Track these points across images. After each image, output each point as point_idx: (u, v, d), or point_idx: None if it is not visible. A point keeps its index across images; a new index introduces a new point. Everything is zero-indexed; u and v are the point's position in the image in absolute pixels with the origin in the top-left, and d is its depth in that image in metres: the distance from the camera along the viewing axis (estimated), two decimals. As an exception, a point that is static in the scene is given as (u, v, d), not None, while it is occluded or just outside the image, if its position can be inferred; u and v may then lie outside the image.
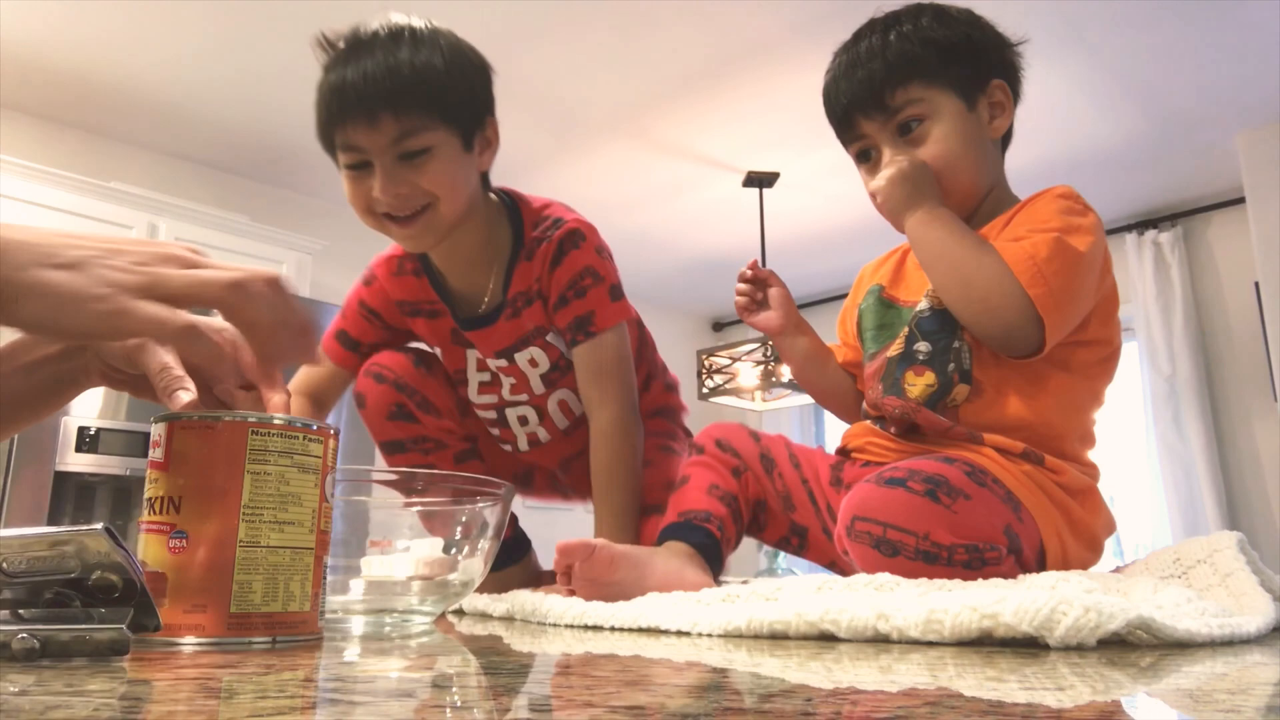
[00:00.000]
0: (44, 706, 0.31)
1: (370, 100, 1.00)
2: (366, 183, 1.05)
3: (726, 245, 4.58)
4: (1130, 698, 0.37)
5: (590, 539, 0.88)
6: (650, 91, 3.24)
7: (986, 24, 1.06)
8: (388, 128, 1.01)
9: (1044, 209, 0.97)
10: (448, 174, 1.05)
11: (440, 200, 1.06)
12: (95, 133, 3.49)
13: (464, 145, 1.07)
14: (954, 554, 0.80)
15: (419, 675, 0.43)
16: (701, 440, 1.09)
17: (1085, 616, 0.50)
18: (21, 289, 0.51)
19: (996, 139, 1.05)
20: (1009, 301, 0.90)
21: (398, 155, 1.03)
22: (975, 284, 0.92)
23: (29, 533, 0.46)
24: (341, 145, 1.04)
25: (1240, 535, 0.78)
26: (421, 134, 1.02)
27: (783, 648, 0.55)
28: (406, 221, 1.07)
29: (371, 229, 1.11)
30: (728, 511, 1.00)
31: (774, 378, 3.53)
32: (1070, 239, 0.92)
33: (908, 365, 1.00)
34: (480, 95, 1.10)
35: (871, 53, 1.02)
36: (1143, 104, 3.27)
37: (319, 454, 0.59)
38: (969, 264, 0.93)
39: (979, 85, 1.02)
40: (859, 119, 1.04)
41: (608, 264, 1.19)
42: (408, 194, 1.04)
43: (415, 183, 1.04)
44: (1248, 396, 3.81)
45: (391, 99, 1.00)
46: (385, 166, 1.03)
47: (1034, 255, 0.90)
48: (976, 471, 0.86)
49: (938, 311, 1.00)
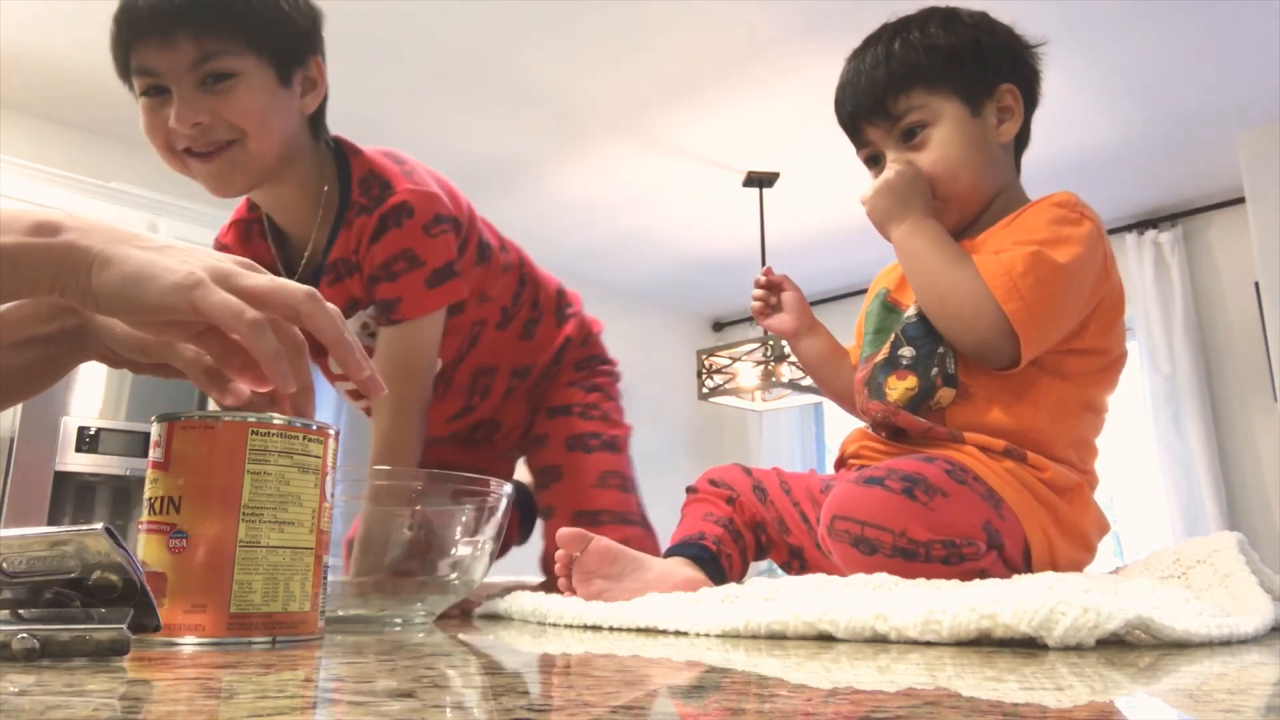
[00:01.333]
0: (44, 706, 0.31)
1: (165, 16, 0.91)
2: (164, 112, 0.95)
3: (726, 245, 4.58)
4: (1129, 698, 0.37)
5: (586, 532, 0.89)
6: (650, 91, 3.24)
7: (1001, 27, 1.05)
8: (186, 48, 0.92)
9: (1035, 219, 0.97)
10: (256, 106, 0.95)
11: (248, 136, 0.96)
12: (95, 133, 3.49)
13: (279, 79, 0.98)
14: (931, 550, 0.81)
15: (419, 675, 0.43)
16: (696, 484, 1.11)
17: (1084, 616, 0.50)
18: (108, 258, 0.54)
19: (1005, 143, 1.05)
20: (982, 317, 0.91)
21: (198, 80, 0.94)
22: (950, 298, 0.94)
23: (29, 533, 0.46)
24: (136, 69, 0.95)
25: (1240, 536, 0.78)
26: (224, 58, 0.93)
27: (781, 648, 0.55)
28: (208, 157, 0.97)
29: (177, 171, 1.00)
30: (723, 532, 1.01)
31: (774, 378, 3.53)
32: (1052, 251, 0.92)
33: (891, 370, 1.01)
34: (302, 28, 1.01)
35: (876, 61, 1.03)
36: (1143, 104, 3.27)
37: (319, 454, 0.59)
38: (946, 278, 0.94)
39: (986, 90, 1.02)
40: (864, 126, 1.05)
41: (433, 243, 1.06)
42: (209, 123, 0.95)
43: (217, 111, 0.94)
44: (1248, 396, 3.81)
45: (189, 15, 0.91)
46: (183, 93, 0.93)
47: (1010, 270, 0.91)
48: (957, 469, 0.87)
49: (924, 317, 1.00)
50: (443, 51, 2.99)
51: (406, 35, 2.91)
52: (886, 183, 1.00)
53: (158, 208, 3.25)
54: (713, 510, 1.05)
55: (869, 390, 1.03)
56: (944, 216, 1.04)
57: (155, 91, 0.95)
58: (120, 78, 0.99)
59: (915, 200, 1.00)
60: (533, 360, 1.34)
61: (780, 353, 3.49)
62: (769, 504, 1.08)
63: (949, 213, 1.04)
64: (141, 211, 3.21)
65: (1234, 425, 3.85)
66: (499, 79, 3.14)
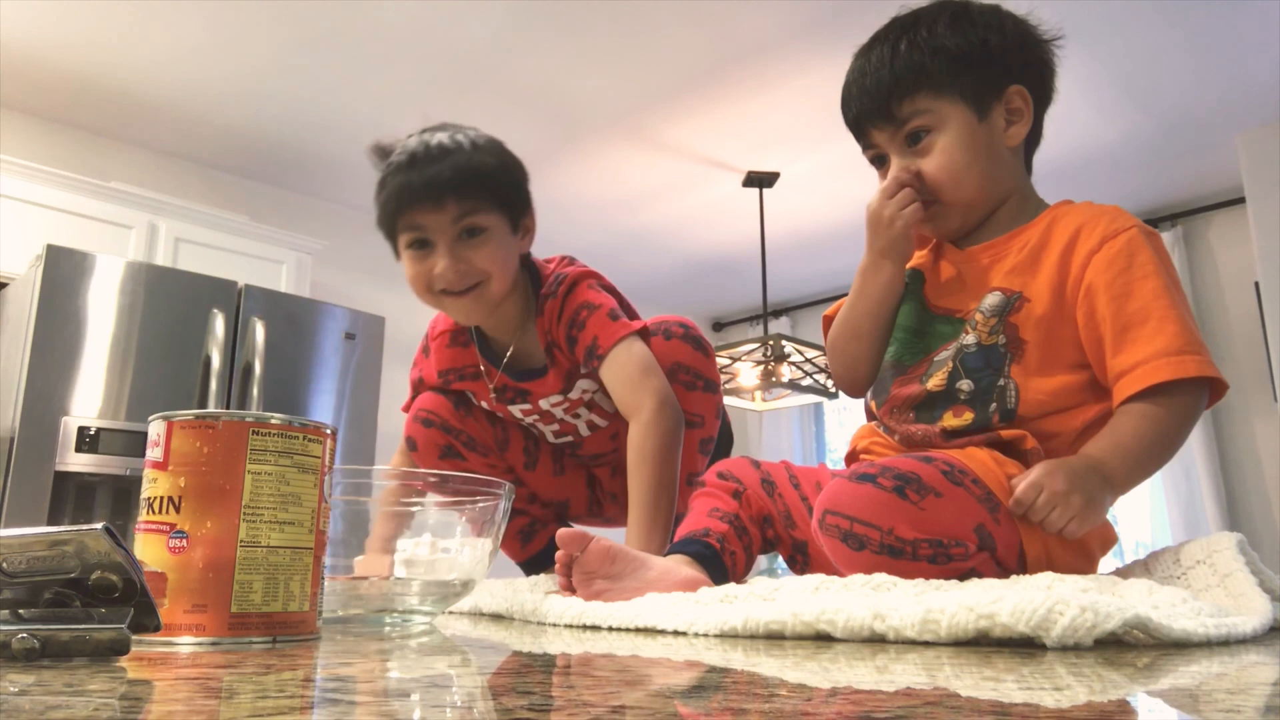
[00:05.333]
0: (44, 706, 0.31)
1: (438, 187, 1.15)
2: (428, 261, 1.19)
3: (726, 245, 4.58)
4: (1129, 698, 0.37)
5: (587, 532, 0.89)
6: (650, 91, 3.24)
7: (1012, 24, 1.02)
8: (451, 208, 1.16)
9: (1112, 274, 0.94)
10: (499, 254, 1.20)
11: (492, 278, 1.20)
12: (95, 133, 3.49)
13: (512, 229, 1.22)
14: (918, 549, 0.81)
15: (419, 675, 0.43)
16: (704, 476, 1.10)
17: (1082, 616, 0.50)
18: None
19: (1014, 146, 1.02)
20: (1194, 413, 0.90)
21: (458, 233, 1.17)
22: (1176, 441, 0.90)
23: (29, 533, 0.46)
24: (405, 226, 1.18)
25: (1240, 536, 0.78)
26: (479, 214, 1.17)
27: (779, 648, 0.55)
28: (461, 295, 1.20)
29: (430, 305, 1.25)
30: (728, 528, 1.01)
31: (774, 377, 3.53)
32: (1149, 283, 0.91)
33: (949, 405, 0.98)
34: (524, 188, 1.25)
35: (882, 61, 1.00)
36: (1143, 104, 3.27)
37: (318, 454, 0.59)
38: (1169, 447, 0.90)
39: (994, 93, 1.00)
40: (869, 128, 1.03)
41: (603, 295, 1.28)
42: (465, 270, 1.18)
43: (471, 260, 1.18)
44: (1248, 396, 3.81)
45: (455, 184, 1.15)
46: (447, 243, 1.17)
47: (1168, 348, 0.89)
48: (955, 471, 0.86)
49: (985, 347, 0.97)
50: (442, 51, 2.99)
51: (406, 35, 2.91)
52: (1055, 495, 0.84)
53: (158, 208, 3.25)
54: (719, 505, 1.04)
55: (915, 413, 1.01)
56: (947, 221, 1.03)
57: (420, 245, 1.19)
58: (382, 227, 1.22)
59: (1091, 480, 0.86)
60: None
61: (780, 353, 3.49)
62: (777, 497, 1.07)
63: (952, 218, 1.02)
64: (141, 211, 3.21)
65: (1234, 425, 3.85)
66: (499, 79, 3.14)
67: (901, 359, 1.06)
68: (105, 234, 3.11)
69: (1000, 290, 0.98)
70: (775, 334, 3.50)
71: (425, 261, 1.19)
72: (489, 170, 1.19)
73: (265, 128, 3.47)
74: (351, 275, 4.07)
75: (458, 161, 1.17)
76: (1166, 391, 0.88)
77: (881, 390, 1.08)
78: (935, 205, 1.02)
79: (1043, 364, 0.95)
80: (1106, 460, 0.87)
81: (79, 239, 2.98)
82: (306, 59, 3.03)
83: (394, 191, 1.17)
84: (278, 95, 3.24)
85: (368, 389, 3.29)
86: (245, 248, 3.41)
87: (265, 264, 3.45)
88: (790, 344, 3.52)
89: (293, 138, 3.54)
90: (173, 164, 3.65)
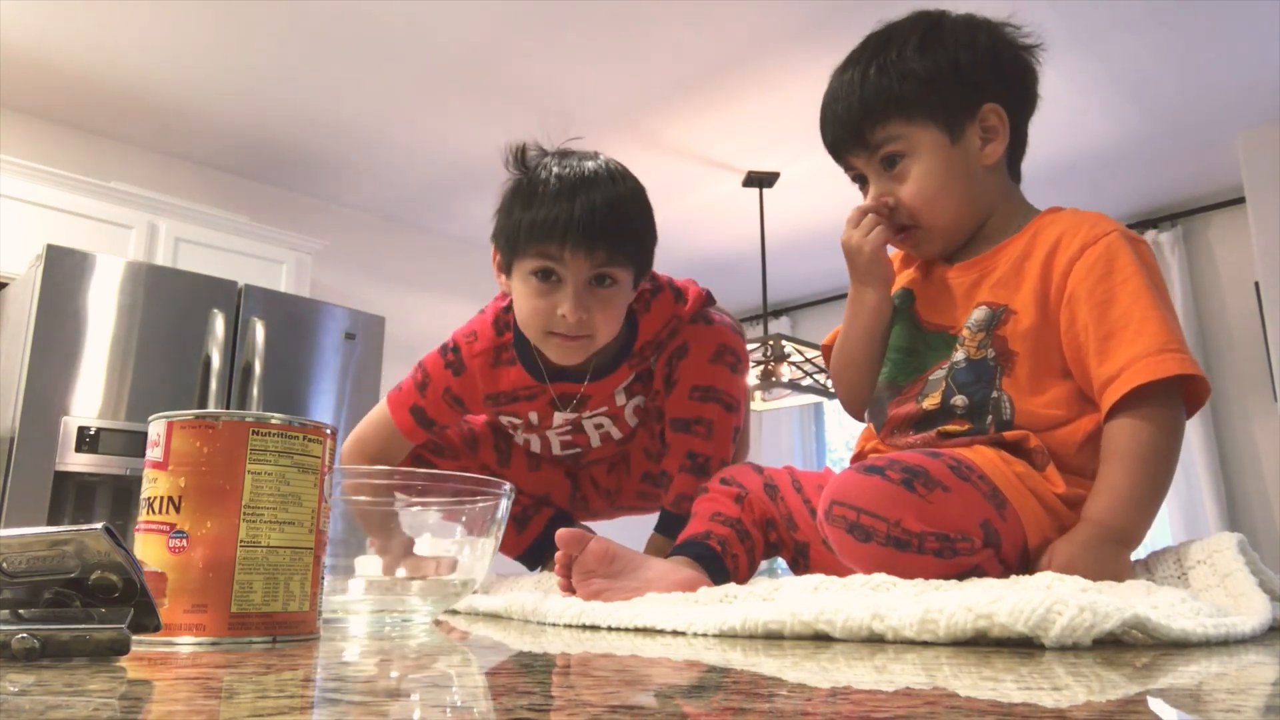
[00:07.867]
0: (44, 706, 0.31)
1: (593, 231, 1.09)
2: (552, 298, 1.13)
3: (726, 245, 4.58)
4: (1128, 698, 0.37)
5: (587, 532, 0.89)
6: (650, 91, 3.24)
7: (984, 38, 1.00)
8: (600, 255, 1.11)
9: (1097, 266, 0.93)
10: (618, 311, 1.17)
11: (602, 333, 1.16)
12: (95, 133, 3.49)
13: (634, 285, 1.20)
14: (924, 542, 0.81)
15: (419, 675, 0.43)
16: (707, 483, 1.10)
17: (1080, 616, 0.50)
18: None
19: (992, 164, 1.00)
20: (1180, 427, 0.89)
21: (590, 278, 1.13)
22: (1172, 457, 0.89)
23: (29, 533, 0.46)
24: (541, 255, 1.11)
25: (1240, 536, 0.78)
26: (617, 267, 1.13)
27: (778, 648, 0.55)
28: (571, 339, 1.15)
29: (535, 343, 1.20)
30: (730, 531, 1.01)
31: (774, 378, 3.53)
32: (1129, 286, 0.90)
33: (945, 420, 0.98)
34: (654, 251, 1.22)
35: (852, 87, 1.00)
36: (1143, 104, 3.27)
37: (319, 454, 0.59)
38: (1163, 463, 0.89)
39: (967, 113, 0.98)
40: (844, 154, 1.04)
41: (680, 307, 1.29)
42: (585, 320, 1.13)
43: (594, 311, 1.14)
44: (1248, 396, 3.81)
45: (611, 234, 1.10)
46: (577, 287, 1.12)
47: (1148, 352, 0.87)
48: (961, 466, 0.87)
49: (974, 362, 0.97)
50: (442, 51, 2.99)
51: (406, 35, 2.91)
52: (1073, 561, 0.83)
53: (157, 208, 3.25)
54: (721, 510, 1.04)
55: (914, 428, 1.01)
56: (930, 244, 1.03)
57: (546, 276, 1.12)
58: (506, 241, 1.15)
59: (1105, 553, 0.84)
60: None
61: (780, 352, 3.49)
62: (779, 501, 1.08)
63: (934, 240, 1.02)
64: (141, 211, 3.21)
65: (1234, 425, 3.85)
66: (499, 79, 3.14)
67: (896, 379, 1.05)
68: (105, 234, 3.12)
69: (986, 304, 0.98)
70: (775, 334, 3.50)
71: (550, 297, 1.12)
72: (643, 228, 1.16)
73: (265, 128, 3.48)
74: (351, 275, 4.08)
75: (618, 210, 1.12)
76: (1150, 401, 0.87)
77: (879, 412, 1.08)
78: (916, 230, 1.01)
79: (1034, 374, 0.95)
80: (1113, 521, 0.86)
81: (79, 239, 2.98)
82: (307, 59, 3.03)
83: (545, 220, 1.10)
84: (278, 95, 3.24)
85: (368, 389, 3.29)
86: (245, 248, 3.41)
87: (265, 264, 3.45)
88: (790, 344, 3.52)
89: (293, 138, 3.54)
90: (173, 164, 3.66)
